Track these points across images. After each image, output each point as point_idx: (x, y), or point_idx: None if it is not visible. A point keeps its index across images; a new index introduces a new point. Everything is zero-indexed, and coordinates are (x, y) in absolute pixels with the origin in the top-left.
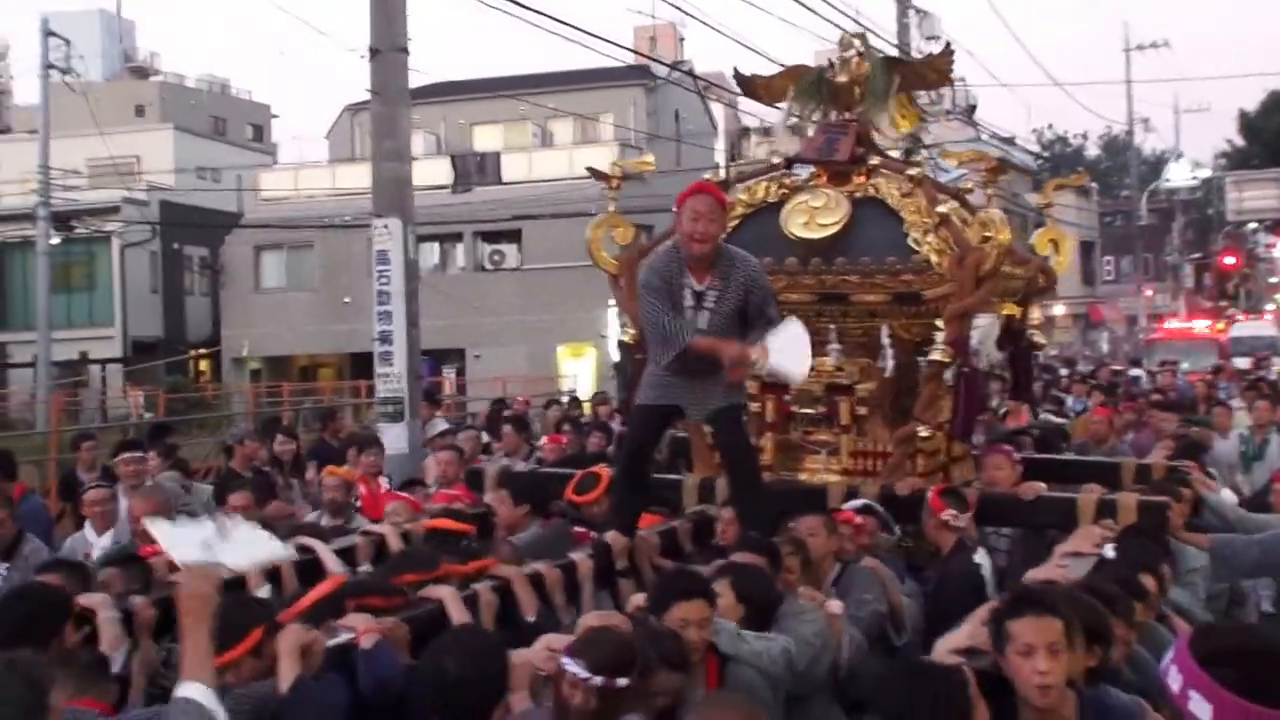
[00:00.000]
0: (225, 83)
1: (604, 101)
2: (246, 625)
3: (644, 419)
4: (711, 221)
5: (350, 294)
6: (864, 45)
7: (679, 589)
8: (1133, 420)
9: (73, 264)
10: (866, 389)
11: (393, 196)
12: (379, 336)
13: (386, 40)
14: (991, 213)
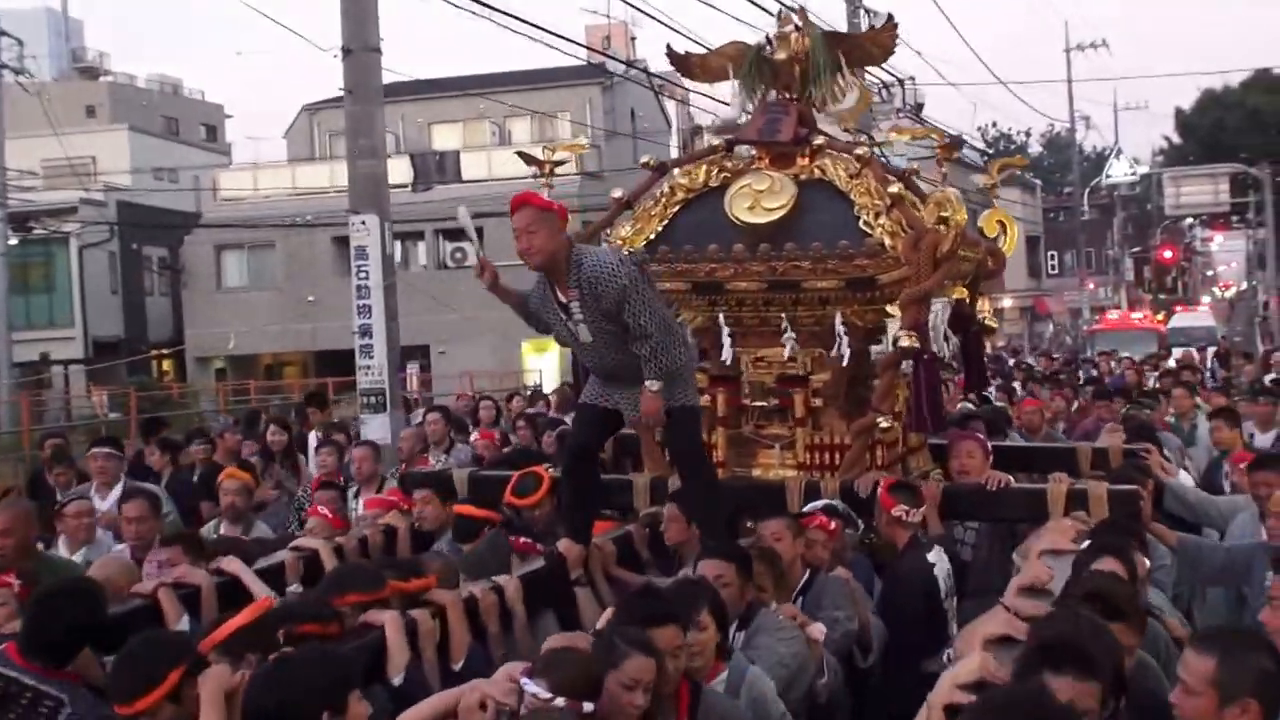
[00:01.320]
0: (177, 83)
1: (561, 100)
2: (160, 666)
3: (586, 418)
4: (533, 234)
5: (314, 292)
6: (803, 20)
7: (648, 614)
8: (1063, 409)
9: (30, 265)
10: (821, 380)
11: (369, 193)
12: (359, 330)
13: (359, 40)
14: (947, 191)
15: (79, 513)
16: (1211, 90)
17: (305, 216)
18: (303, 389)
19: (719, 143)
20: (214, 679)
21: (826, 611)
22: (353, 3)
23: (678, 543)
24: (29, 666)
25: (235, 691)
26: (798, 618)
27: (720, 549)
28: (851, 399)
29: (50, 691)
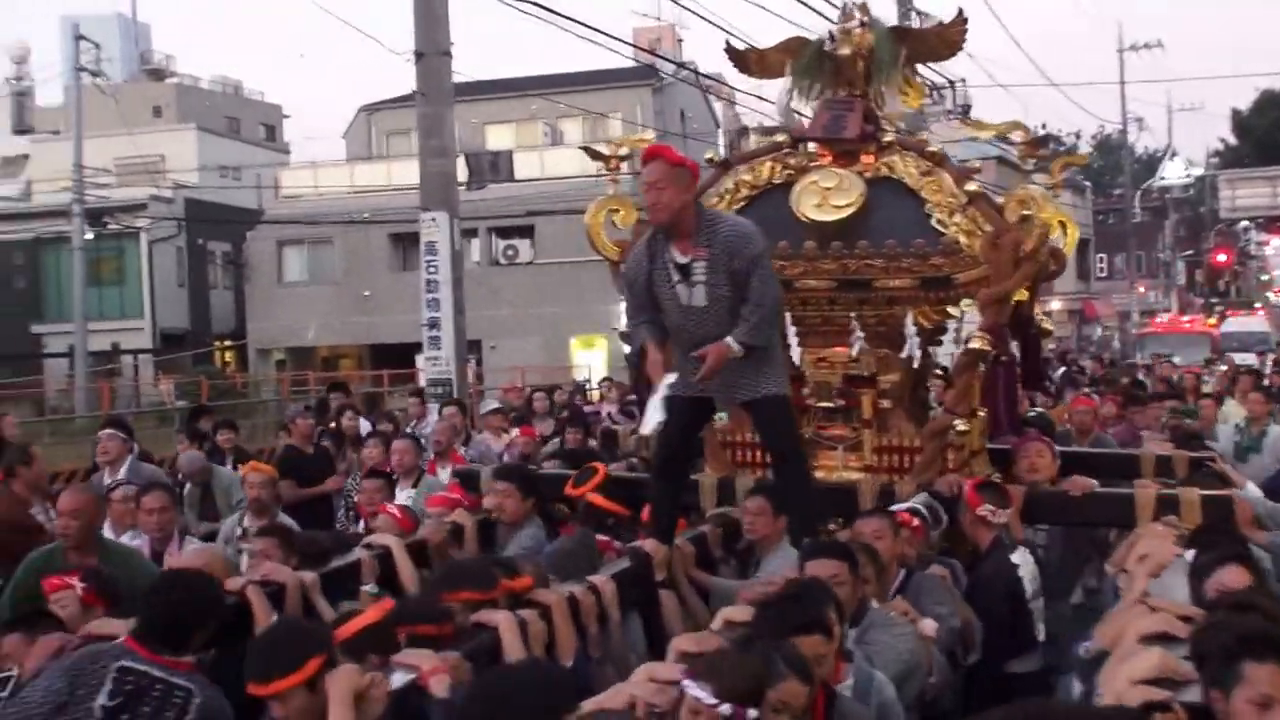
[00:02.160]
0: (238, 84)
1: (613, 101)
2: (303, 652)
3: (674, 413)
4: (661, 189)
5: (370, 287)
6: (867, 14)
7: (796, 623)
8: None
9: (104, 259)
10: (890, 380)
11: (439, 191)
12: (427, 323)
13: (430, 44)
14: (1031, 189)
15: (126, 498)
16: (1270, 91)
17: (363, 214)
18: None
19: (783, 139)
20: (344, 678)
21: (928, 609)
22: (425, 9)
23: (760, 538)
24: (154, 658)
25: (363, 692)
26: (909, 613)
27: (830, 547)
28: (915, 400)
29: (179, 683)
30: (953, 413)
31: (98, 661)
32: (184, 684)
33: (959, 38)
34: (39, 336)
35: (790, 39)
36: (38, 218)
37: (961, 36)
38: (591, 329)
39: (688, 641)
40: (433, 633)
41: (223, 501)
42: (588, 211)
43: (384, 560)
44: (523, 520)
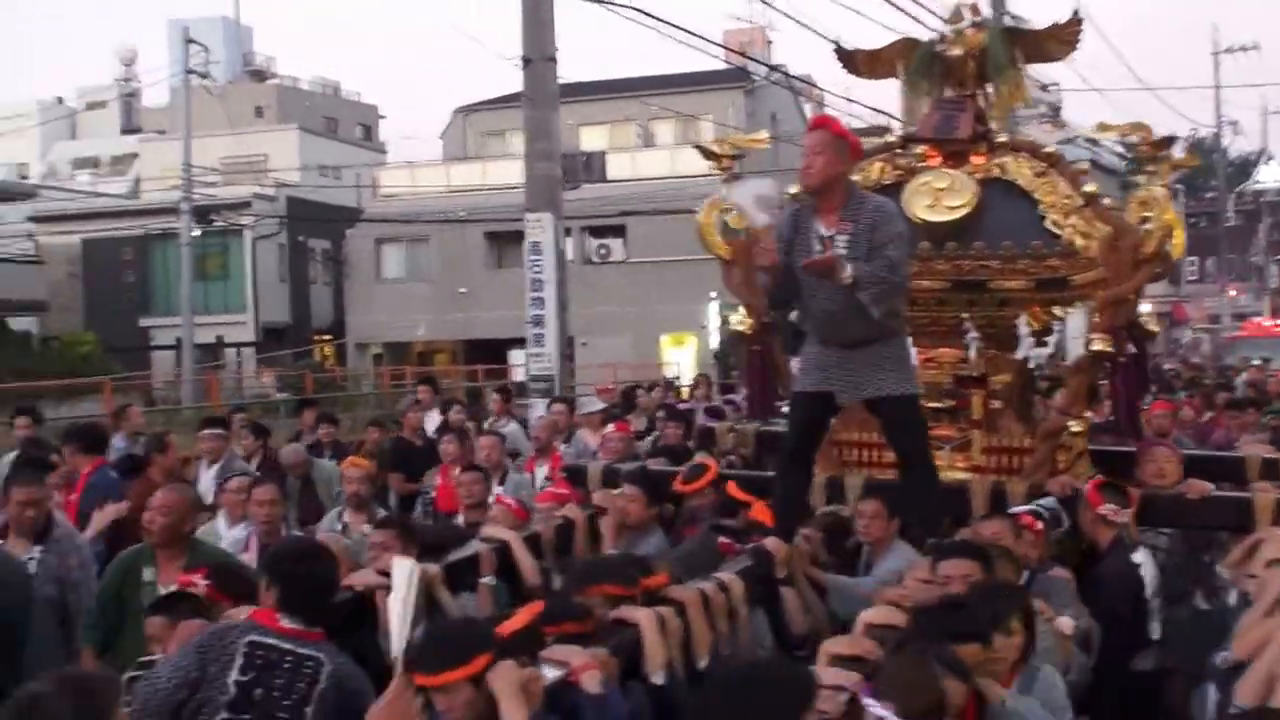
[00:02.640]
0: (337, 85)
1: (704, 103)
2: (473, 648)
3: (801, 408)
4: (817, 154)
5: (466, 285)
6: (978, 15)
7: (955, 630)
8: (1191, 418)
9: (209, 255)
10: (1002, 381)
11: (544, 193)
12: (531, 320)
13: (537, 50)
14: (1154, 190)
15: (240, 488)
16: None
17: (459, 212)
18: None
19: (893, 139)
20: (509, 673)
21: (1055, 610)
22: (532, 17)
23: (876, 540)
24: (283, 630)
25: (525, 687)
26: (1045, 612)
27: (964, 547)
28: (1022, 401)
29: (309, 653)
30: (1067, 414)
31: (226, 638)
32: (314, 654)
33: (1073, 38)
34: (147, 330)
35: (901, 40)
36: (146, 215)
37: (1076, 37)
38: (681, 327)
39: (840, 644)
40: (576, 630)
41: (324, 493)
42: (700, 210)
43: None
44: (646, 527)
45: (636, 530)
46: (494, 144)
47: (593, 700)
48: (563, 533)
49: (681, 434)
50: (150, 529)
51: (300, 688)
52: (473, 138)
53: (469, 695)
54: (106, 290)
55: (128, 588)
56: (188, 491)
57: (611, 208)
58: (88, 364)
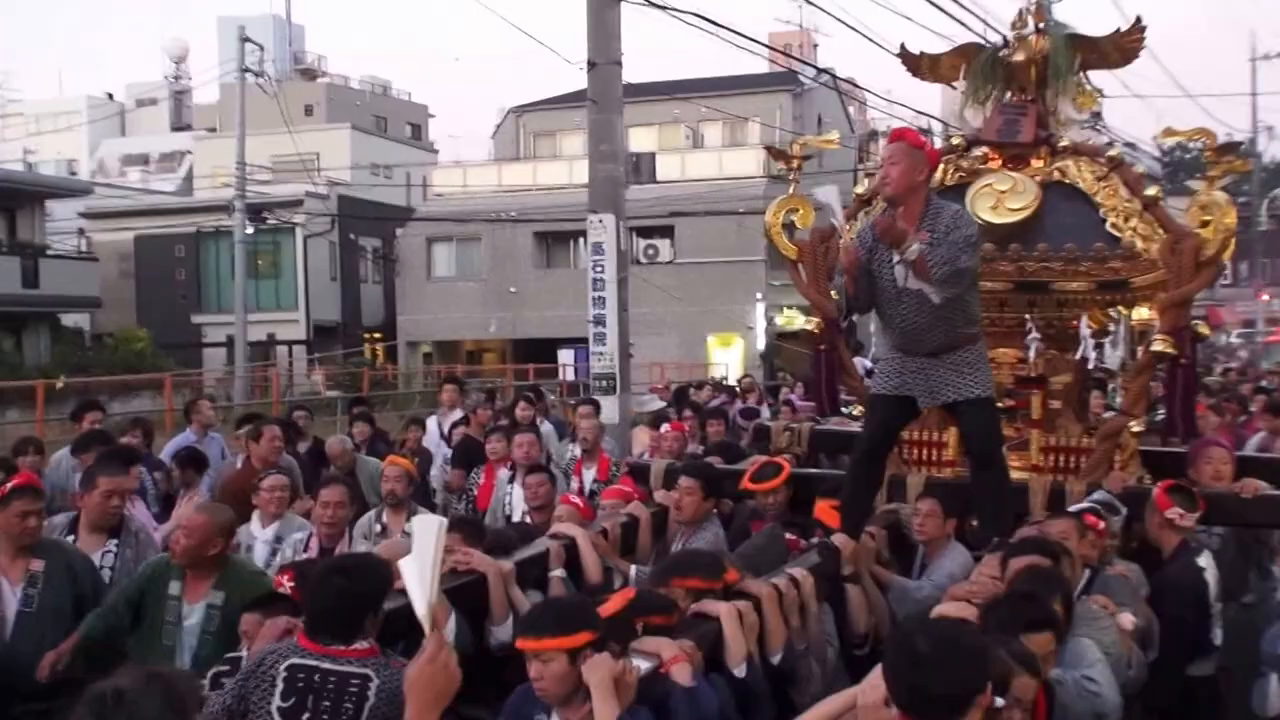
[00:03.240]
0: (387, 84)
1: (752, 106)
2: (577, 622)
3: (878, 410)
4: (894, 164)
5: (515, 284)
6: (1043, 20)
7: (1027, 619)
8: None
9: (261, 253)
10: (1062, 381)
11: (607, 194)
12: (593, 319)
13: (603, 54)
14: (1215, 195)
15: (273, 487)
16: None
17: (509, 212)
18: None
19: (959, 141)
20: (602, 666)
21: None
22: (598, 21)
23: (931, 539)
24: (324, 650)
25: (618, 679)
26: (1109, 607)
27: (1036, 544)
28: (1079, 402)
29: (354, 671)
30: (1129, 414)
31: (265, 663)
32: (359, 671)
33: (1136, 45)
34: (199, 326)
35: (964, 45)
36: (199, 212)
37: (1139, 44)
38: (728, 327)
39: None
40: (662, 622)
41: (368, 488)
42: (768, 211)
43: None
44: (702, 519)
45: (691, 523)
46: (545, 144)
47: (684, 692)
48: (628, 530)
49: (722, 430)
50: (174, 548)
51: (348, 708)
52: (524, 138)
53: (563, 668)
54: (158, 287)
55: (150, 596)
56: (217, 513)
57: (660, 208)
58: (142, 360)
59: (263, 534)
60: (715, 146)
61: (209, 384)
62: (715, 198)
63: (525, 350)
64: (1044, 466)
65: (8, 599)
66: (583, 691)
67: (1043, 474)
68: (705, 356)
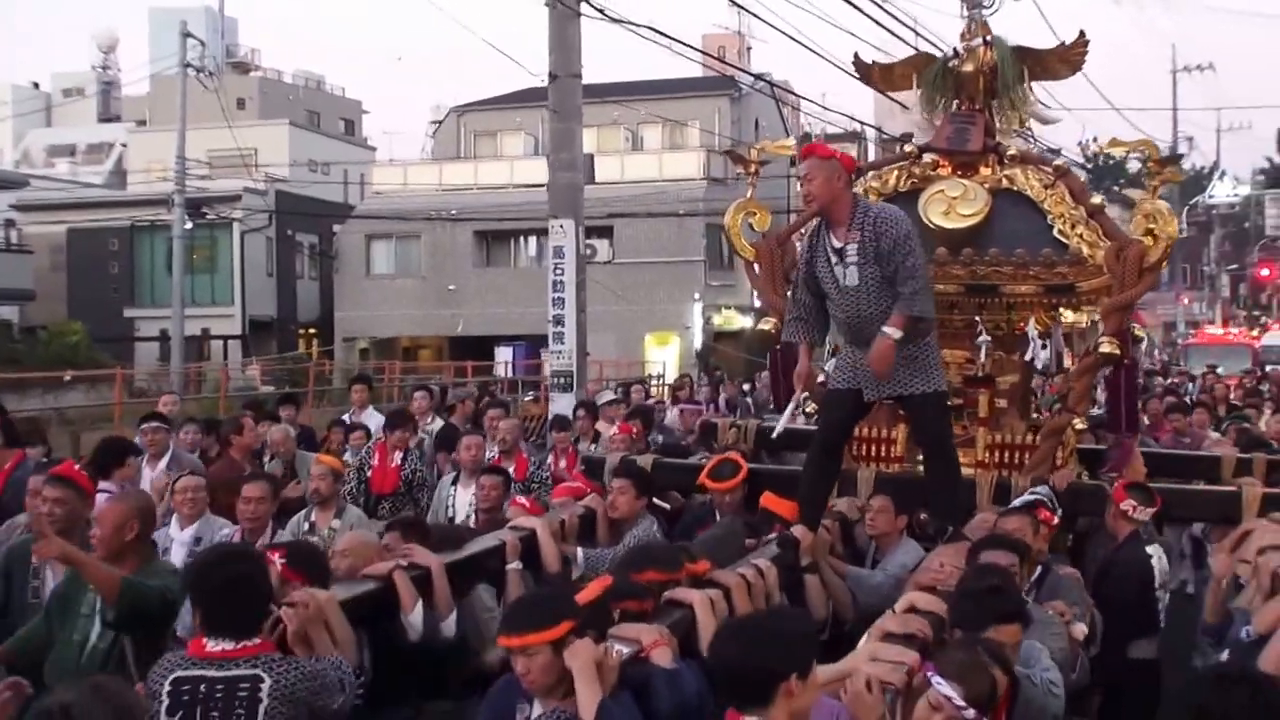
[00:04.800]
0: (320, 79)
1: (691, 109)
2: (557, 614)
3: (831, 405)
4: (811, 180)
5: (454, 282)
6: (989, 33)
7: (998, 612)
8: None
9: (197, 247)
10: (1009, 381)
11: (567, 200)
12: (552, 319)
13: (564, 67)
14: (1158, 204)
15: (187, 488)
16: None
17: (450, 211)
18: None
19: (911, 149)
20: (584, 650)
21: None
22: (559, 35)
23: (883, 534)
24: (212, 655)
25: (601, 663)
26: (1065, 614)
27: (1004, 540)
28: (1023, 400)
29: (242, 674)
30: (1073, 412)
31: (153, 682)
32: (248, 673)
33: (1079, 59)
34: (132, 320)
35: (915, 55)
36: (134, 206)
37: (1082, 57)
38: (665, 327)
39: (893, 622)
40: (637, 608)
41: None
42: (727, 213)
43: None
44: (634, 516)
45: (626, 520)
46: (486, 144)
47: (666, 674)
48: (585, 522)
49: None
50: (93, 541)
51: (239, 714)
52: (466, 137)
53: (548, 659)
54: (90, 280)
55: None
56: (130, 499)
57: (600, 209)
58: (76, 354)
59: (181, 536)
60: (655, 149)
61: (141, 379)
62: (654, 199)
63: (462, 347)
64: (989, 463)
65: None
66: (567, 680)
67: (988, 470)
68: (642, 355)
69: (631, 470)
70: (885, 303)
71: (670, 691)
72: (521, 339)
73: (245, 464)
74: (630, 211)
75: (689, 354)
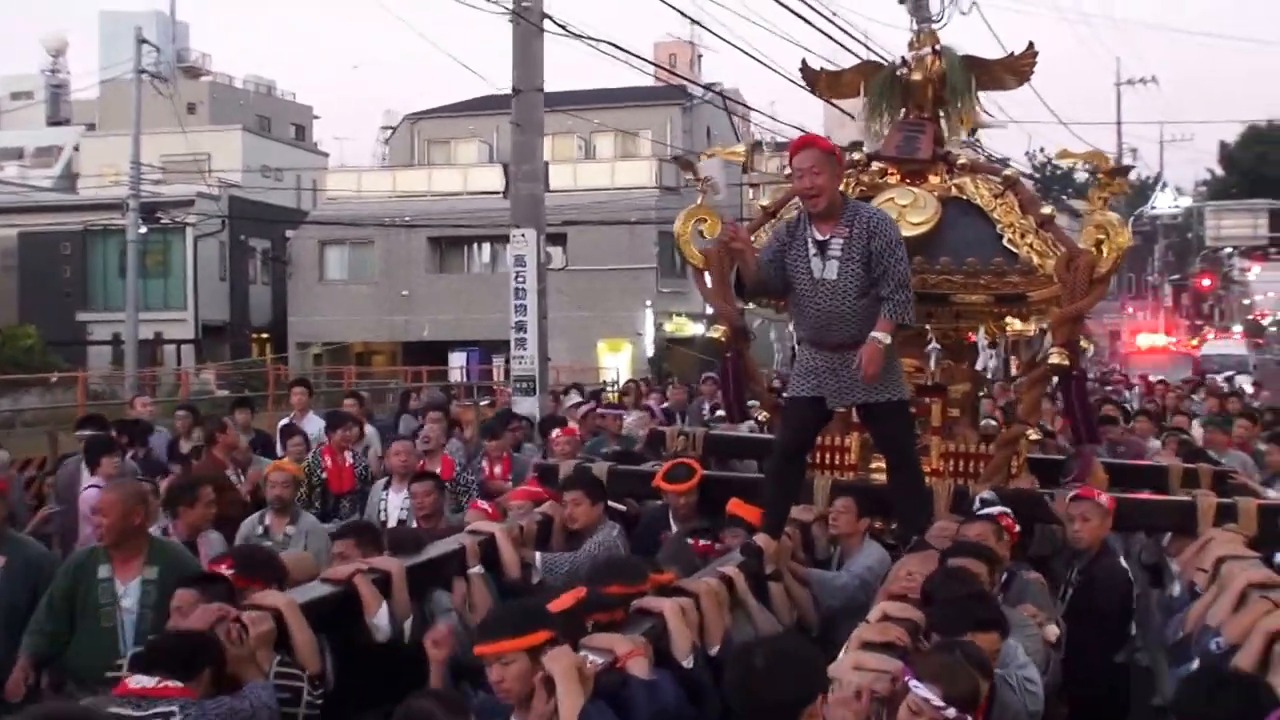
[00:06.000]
0: (271, 84)
1: (643, 118)
2: (534, 624)
3: (792, 413)
4: (817, 174)
5: (407, 287)
6: (938, 43)
7: (977, 619)
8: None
9: (150, 252)
10: (961, 390)
11: (529, 210)
12: (515, 326)
13: (527, 82)
14: (1109, 215)
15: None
16: (1256, 126)
17: (404, 217)
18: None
19: (860, 157)
20: (564, 657)
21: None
22: (523, 51)
23: (845, 535)
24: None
25: (579, 671)
26: (1037, 616)
27: (975, 548)
28: (974, 409)
29: (155, 713)
30: (1025, 422)
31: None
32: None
33: (1027, 70)
34: (84, 324)
35: (864, 63)
36: (86, 210)
37: (1030, 68)
38: (618, 333)
39: (871, 631)
40: (608, 620)
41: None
42: (677, 220)
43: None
44: (594, 524)
45: (586, 530)
46: (440, 151)
47: (643, 685)
48: (542, 528)
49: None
50: (98, 532)
51: None
52: (419, 145)
53: (524, 668)
54: (42, 284)
55: (81, 586)
56: (127, 487)
57: (553, 216)
58: (30, 358)
59: None
60: (607, 158)
61: (95, 382)
62: (607, 207)
63: (416, 353)
64: (943, 471)
65: None
66: (542, 691)
67: (943, 478)
68: (595, 361)
69: (583, 480)
70: (860, 302)
71: (649, 702)
72: (475, 345)
73: (228, 462)
74: (583, 219)
75: (641, 360)
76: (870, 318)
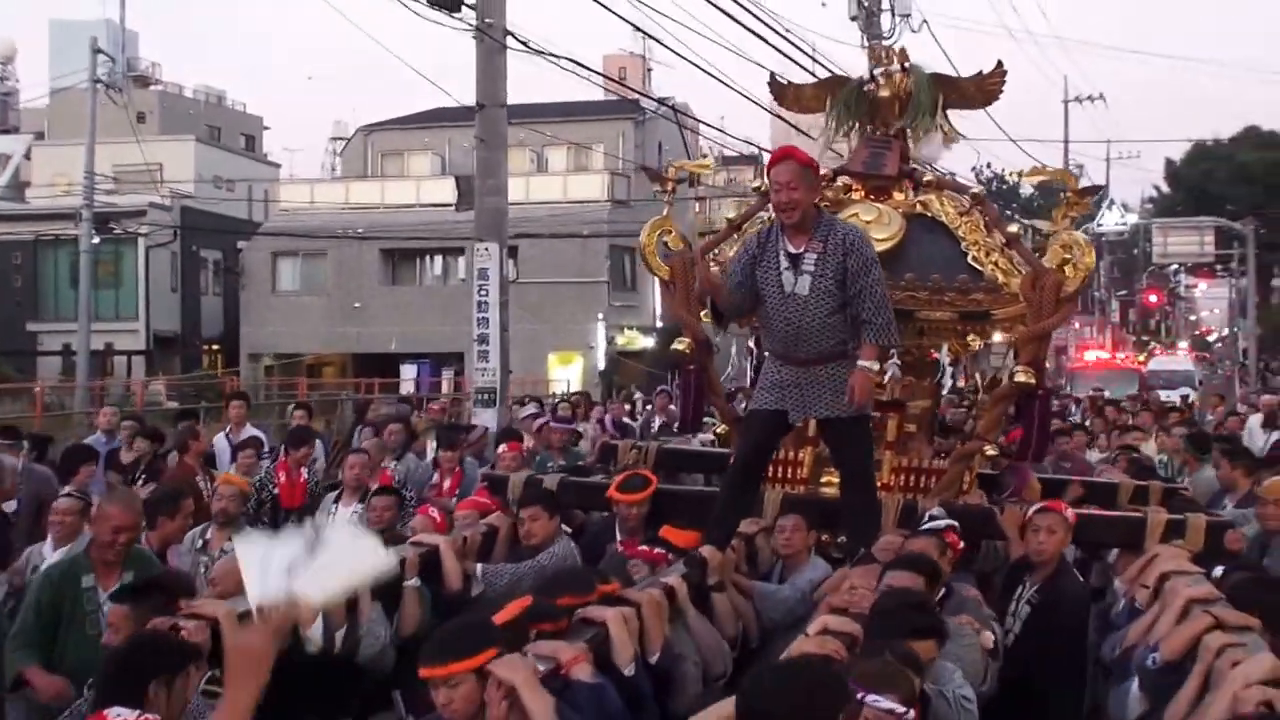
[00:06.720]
0: (221, 94)
1: (596, 132)
2: (479, 644)
3: (754, 425)
4: (794, 189)
5: (360, 299)
6: (907, 60)
7: (914, 626)
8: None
9: (102, 262)
10: (920, 406)
11: (493, 224)
12: (477, 338)
13: (490, 98)
14: (1075, 235)
15: (66, 510)
16: (1202, 143)
17: (357, 229)
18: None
19: (825, 172)
20: (522, 665)
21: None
22: (486, 67)
23: (794, 553)
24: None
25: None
26: (974, 624)
27: (914, 560)
28: (931, 425)
29: None
30: (984, 439)
31: None
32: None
33: (996, 88)
34: (35, 334)
35: (830, 78)
36: (38, 220)
37: (999, 87)
38: (569, 346)
39: (811, 644)
40: (552, 629)
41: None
42: (642, 232)
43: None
44: (551, 538)
45: (542, 545)
46: (393, 163)
47: (589, 689)
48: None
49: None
50: (102, 540)
51: None
52: (373, 156)
53: (470, 689)
54: None
55: (68, 595)
56: (132, 501)
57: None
58: None
59: (53, 556)
60: (560, 171)
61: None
62: (557, 220)
63: (367, 365)
64: (894, 486)
65: None
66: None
67: (893, 493)
68: (546, 373)
69: (539, 495)
70: (830, 319)
71: (595, 706)
72: (426, 357)
73: (199, 469)
74: (535, 232)
75: (593, 373)
76: (840, 333)
